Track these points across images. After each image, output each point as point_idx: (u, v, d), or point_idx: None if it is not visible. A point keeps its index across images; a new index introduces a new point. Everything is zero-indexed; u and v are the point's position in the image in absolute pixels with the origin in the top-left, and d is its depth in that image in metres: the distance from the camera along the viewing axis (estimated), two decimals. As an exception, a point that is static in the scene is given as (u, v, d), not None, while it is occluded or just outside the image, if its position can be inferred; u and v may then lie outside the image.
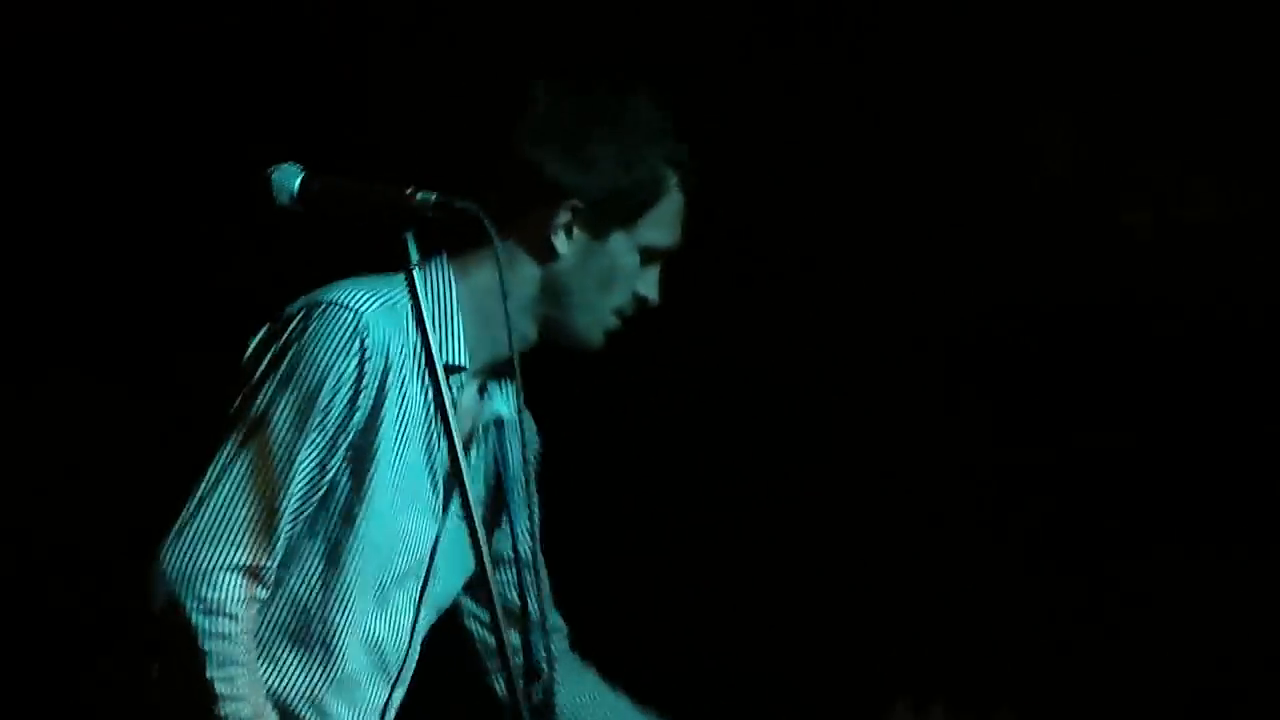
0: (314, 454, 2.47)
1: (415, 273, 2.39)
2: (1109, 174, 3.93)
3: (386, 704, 2.64)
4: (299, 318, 2.50)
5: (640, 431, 3.94)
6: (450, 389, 2.47)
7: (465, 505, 2.39)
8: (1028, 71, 3.86)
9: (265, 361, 2.48)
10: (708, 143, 2.63)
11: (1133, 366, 3.87)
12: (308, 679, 2.56)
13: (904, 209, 3.92)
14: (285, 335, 2.49)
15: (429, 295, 2.52)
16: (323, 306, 2.49)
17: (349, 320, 2.47)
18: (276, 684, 2.54)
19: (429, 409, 2.54)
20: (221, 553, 2.43)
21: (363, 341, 2.46)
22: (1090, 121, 3.92)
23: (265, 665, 2.53)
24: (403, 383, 2.51)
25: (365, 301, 2.49)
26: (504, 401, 2.66)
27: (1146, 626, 3.86)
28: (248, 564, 2.45)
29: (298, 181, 2.37)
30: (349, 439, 2.48)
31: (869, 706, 2.86)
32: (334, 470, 2.49)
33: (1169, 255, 3.85)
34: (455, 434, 2.40)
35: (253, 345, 2.53)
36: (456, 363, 2.55)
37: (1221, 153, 3.85)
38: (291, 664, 2.55)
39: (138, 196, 3.89)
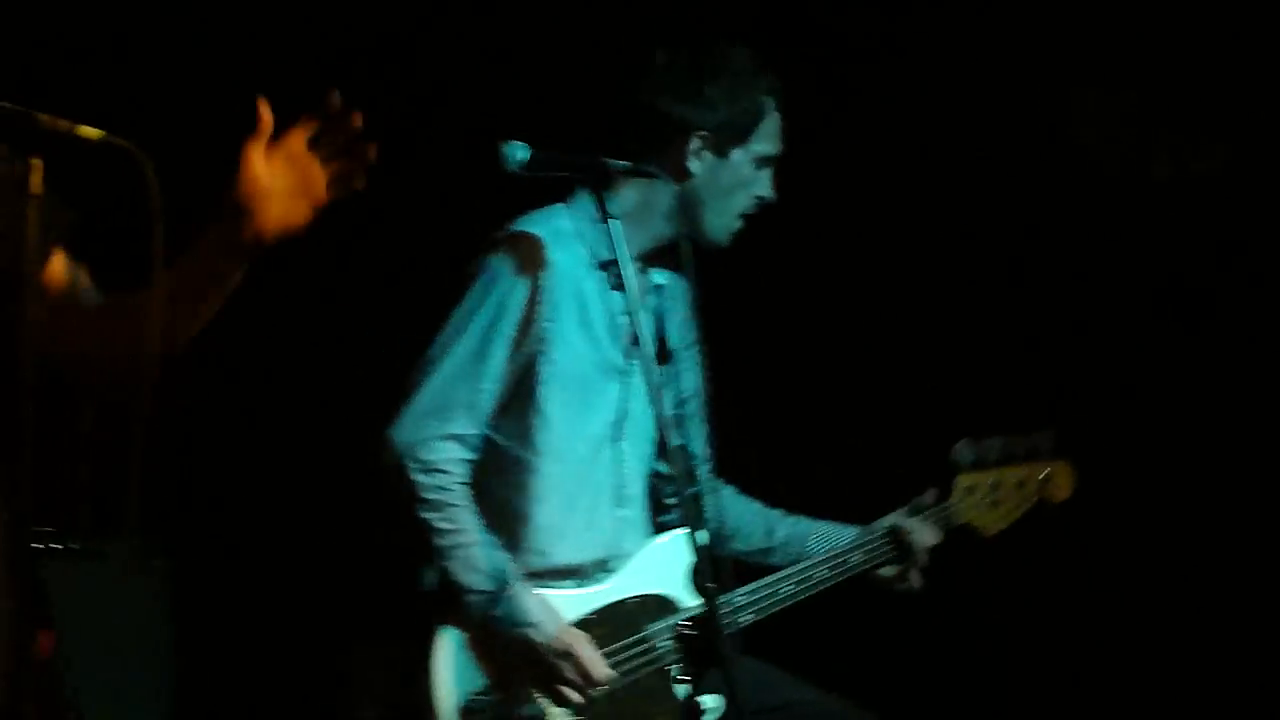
0: (507, 344, 3.20)
1: (571, 201, 3.27)
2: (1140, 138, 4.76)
3: (617, 519, 3.33)
4: (495, 243, 3.26)
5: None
6: (613, 276, 3.12)
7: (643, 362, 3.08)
8: (1067, 54, 4.66)
9: (472, 276, 3.25)
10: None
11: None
12: (551, 516, 3.26)
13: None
14: (485, 257, 3.25)
15: (583, 217, 3.28)
16: (512, 235, 3.26)
17: (531, 242, 3.24)
18: (532, 535, 3.24)
19: (603, 294, 3.25)
20: (436, 425, 3.17)
21: (543, 255, 3.23)
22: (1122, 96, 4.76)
23: (519, 523, 3.22)
24: (576, 280, 3.26)
25: (541, 227, 3.27)
26: (660, 275, 3.40)
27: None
28: (457, 433, 3.18)
29: (522, 152, 2.99)
30: (535, 328, 3.21)
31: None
32: (526, 355, 3.21)
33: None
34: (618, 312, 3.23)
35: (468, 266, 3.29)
36: (611, 257, 3.16)
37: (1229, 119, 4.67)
38: (538, 513, 3.25)
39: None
